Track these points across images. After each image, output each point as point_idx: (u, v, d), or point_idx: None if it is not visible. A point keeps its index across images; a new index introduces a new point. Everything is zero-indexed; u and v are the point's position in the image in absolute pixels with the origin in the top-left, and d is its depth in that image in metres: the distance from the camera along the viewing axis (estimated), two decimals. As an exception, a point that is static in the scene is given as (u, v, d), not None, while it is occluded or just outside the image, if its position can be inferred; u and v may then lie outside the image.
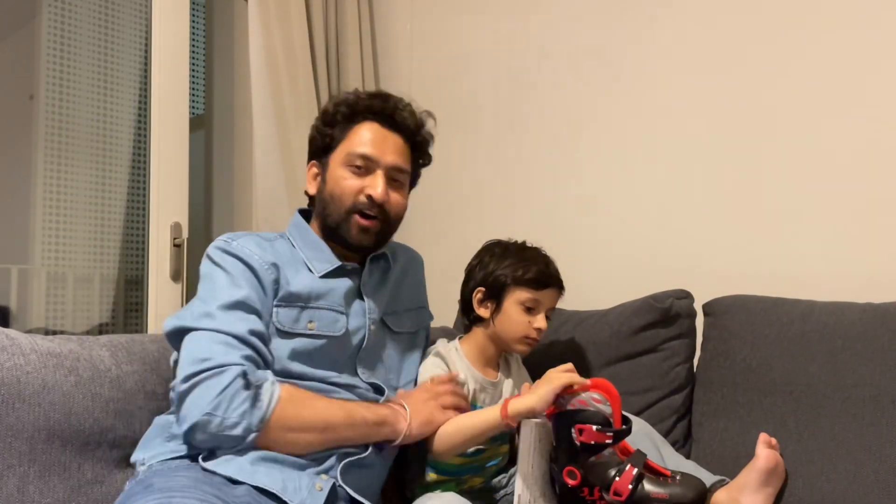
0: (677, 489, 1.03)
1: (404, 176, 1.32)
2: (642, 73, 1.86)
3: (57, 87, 2.01)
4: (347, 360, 1.25)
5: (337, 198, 1.27)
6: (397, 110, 1.30)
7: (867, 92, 1.53)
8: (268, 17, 2.04)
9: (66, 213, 2.01)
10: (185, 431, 1.06)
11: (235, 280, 1.18)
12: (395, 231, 1.35)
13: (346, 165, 1.27)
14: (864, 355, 1.30)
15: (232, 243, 1.23)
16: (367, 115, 1.29)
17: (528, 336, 1.34)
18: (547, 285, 1.35)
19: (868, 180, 1.53)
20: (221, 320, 1.12)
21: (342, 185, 1.27)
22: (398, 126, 1.30)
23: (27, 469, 1.08)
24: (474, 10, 2.20)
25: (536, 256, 1.39)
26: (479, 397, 1.36)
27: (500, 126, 2.13)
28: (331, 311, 1.24)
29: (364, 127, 1.29)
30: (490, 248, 1.43)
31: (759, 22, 1.67)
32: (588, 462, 1.07)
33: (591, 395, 1.12)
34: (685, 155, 1.78)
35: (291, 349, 1.19)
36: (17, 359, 1.11)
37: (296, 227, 1.34)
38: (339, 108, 1.31)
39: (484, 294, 1.38)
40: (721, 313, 1.51)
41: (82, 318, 2.07)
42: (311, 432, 1.12)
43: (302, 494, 1.05)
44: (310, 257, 1.28)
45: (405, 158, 1.31)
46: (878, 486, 1.22)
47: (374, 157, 1.27)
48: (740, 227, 1.69)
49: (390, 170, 1.28)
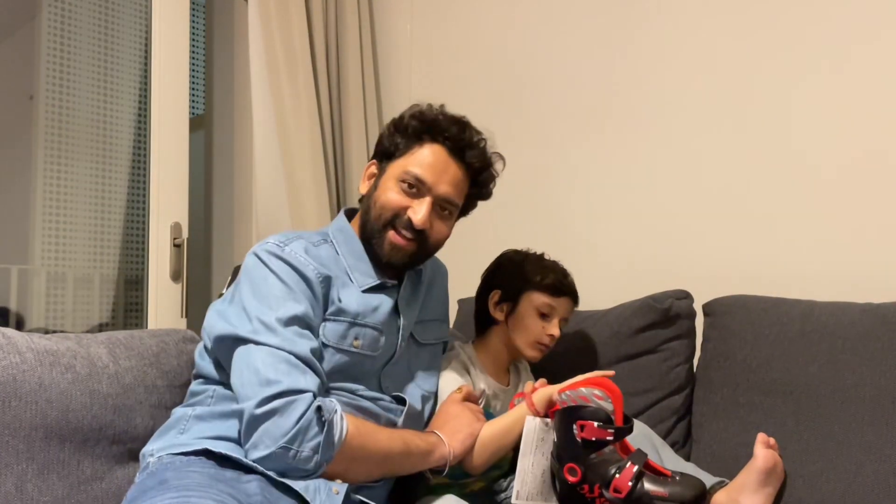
0: (677, 488, 1.03)
1: (454, 208, 1.28)
2: (643, 74, 1.85)
3: (57, 87, 2.01)
4: (374, 372, 1.25)
5: (380, 207, 1.24)
6: (469, 146, 1.27)
7: (867, 92, 1.53)
8: (268, 17, 2.04)
9: (66, 213, 2.01)
10: (257, 459, 1.04)
11: (293, 292, 1.15)
12: (431, 256, 1.32)
13: (400, 180, 1.23)
14: (864, 355, 1.30)
15: (285, 249, 1.19)
16: (437, 136, 1.25)
17: (540, 341, 1.36)
18: (563, 293, 1.38)
19: (868, 180, 1.53)
20: (283, 337, 1.10)
21: (389, 197, 1.23)
22: (464, 158, 1.26)
23: (25, 467, 1.08)
24: (474, 11, 2.20)
25: (555, 266, 1.43)
26: (491, 403, 1.36)
27: (499, 126, 2.12)
28: (374, 330, 1.23)
29: (430, 148, 1.25)
30: (509, 255, 1.47)
31: (760, 22, 1.67)
32: (589, 459, 1.07)
33: (594, 391, 1.12)
34: (685, 155, 1.78)
35: (333, 364, 1.18)
36: (13, 357, 1.11)
37: (341, 231, 1.31)
38: (413, 118, 1.27)
39: (500, 296, 1.40)
40: (721, 313, 1.51)
41: (82, 319, 2.07)
42: (372, 463, 1.12)
43: (321, 496, 1.05)
44: (352, 267, 1.26)
45: (459, 192, 1.27)
46: (879, 486, 1.21)
47: (428, 184, 1.22)
48: (740, 227, 1.69)
49: (440, 199, 1.24)
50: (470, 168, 1.28)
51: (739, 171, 1.69)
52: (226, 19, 2.40)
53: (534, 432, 1.15)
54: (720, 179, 1.72)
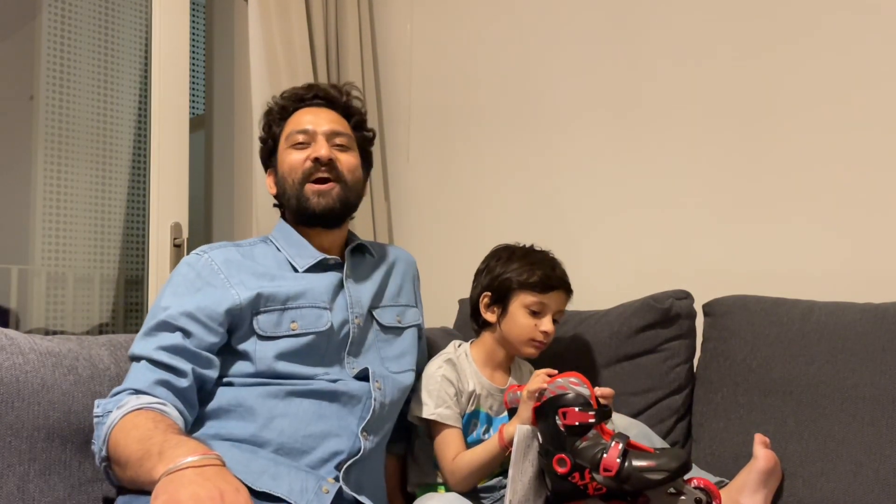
0: (663, 459, 1.05)
1: (347, 139, 1.35)
2: (642, 73, 1.86)
3: (57, 87, 2.01)
4: (336, 354, 1.25)
5: (288, 174, 1.31)
6: (321, 90, 1.38)
7: (867, 92, 1.53)
8: (268, 16, 2.04)
9: (66, 213, 2.01)
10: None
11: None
12: (356, 198, 1.36)
13: (290, 145, 1.32)
14: (864, 355, 1.30)
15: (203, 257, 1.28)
16: (296, 103, 1.36)
17: (534, 339, 1.35)
18: (552, 288, 1.35)
19: (868, 180, 1.53)
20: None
21: (289, 161, 1.31)
22: (325, 102, 1.37)
23: (27, 468, 1.08)
24: (474, 11, 2.20)
25: (542, 260, 1.39)
26: (484, 403, 1.36)
27: (500, 126, 2.13)
28: (313, 308, 1.24)
29: (296, 113, 1.36)
30: (497, 252, 1.44)
31: (760, 22, 1.67)
32: (575, 446, 1.09)
33: (569, 379, 1.15)
34: (686, 155, 1.78)
35: (278, 352, 1.19)
36: (16, 358, 1.11)
37: (279, 230, 1.37)
38: (271, 111, 1.39)
39: (490, 299, 1.39)
40: (721, 313, 1.51)
41: (82, 319, 2.07)
42: (122, 464, 0.99)
43: (308, 496, 1.05)
44: (293, 255, 1.30)
45: (342, 125, 1.36)
46: (879, 485, 1.22)
47: (311, 128, 1.31)
48: (740, 227, 1.69)
49: (329, 135, 1.32)
50: (334, 104, 1.37)
51: (740, 171, 1.69)
52: (226, 19, 2.40)
53: (524, 440, 1.16)
54: (720, 179, 1.72)
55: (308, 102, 1.37)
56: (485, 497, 1.32)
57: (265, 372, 1.17)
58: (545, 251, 1.42)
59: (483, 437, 1.34)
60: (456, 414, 1.32)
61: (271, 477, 1.06)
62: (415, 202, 2.36)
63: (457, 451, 1.29)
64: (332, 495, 1.07)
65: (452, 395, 1.32)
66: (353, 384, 1.22)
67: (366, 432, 1.19)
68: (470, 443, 1.32)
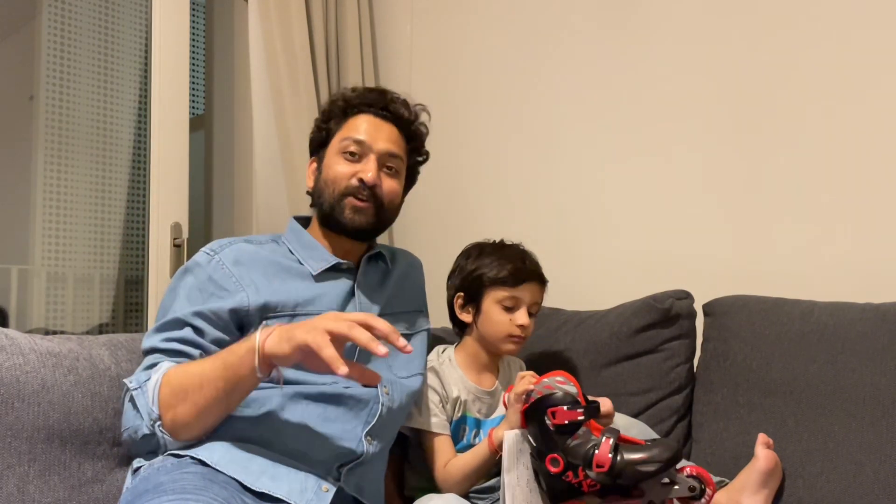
0: (654, 450, 1.06)
1: (398, 163, 1.33)
2: (642, 72, 1.86)
3: (57, 87, 2.01)
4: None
5: (331, 183, 1.29)
6: (391, 102, 1.34)
7: (867, 92, 1.53)
8: (268, 16, 2.04)
9: (66, 213, 2.01)
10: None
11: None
12: (390, 220, 1.36)
13: (341, 153, 1.30)
14: (864, 355, 1.30)
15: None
16: (362, 107, 1.33)
17: (511, 334, 1.33)
18: (523, 280, 1.33)
19: (868, 180, 1.53)
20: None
21: (336, 170, 1.29)
22: (392, 117, 1.34)
23: (27, 468, 1.08)
24: (474, 11, 2.20)
25: (512, 254, 1.37)
26: (471, 408, 1.35)
27: (500, 126, 2.13)
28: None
29: (359, 118, 1.33)
30: (467, 251, 1.42)
31: (760, 21, 1.67)
32: (566, 445, 1.09)
33: (555, 378, 1.15)
34: (685, 154, 1.78)
35: None
36: (16, 358, 1.11)
37: (291, 231, 1.36)
38: (335, 102, 1.35)
39: (464, 299, 1.37)
40: (721, 313, 1.51)
41: (82, 319, 2.07)
42: (193, 392, 1.06)
43: (308, 496, 1.05)
44: (304, 257, 1.30)
45: (399, 147, 1.34)
46: (879, 486, 1.22)
47: (367, 143, 1.29)
48: (740, 227, 1.69)
49: (383, 155, 1.30)
50: (399, 123, 1.34)
51: (740, 171, 1.69)
52: (226, 19, 2.40)
53: (515, 445, 1.16)
54: (720, 179, 1.72)
55: (374, 111, 1.33)
56: (483, 498, 1.31)
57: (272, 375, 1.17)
58: (515, 244, 1.40)
59: (473, 442, 1.33)
60: (443, 421, 1.31)
61: (270, 478, 1.05)
62: (415, 200, 2.36)
63: (447, 458, 1.29)
64: (331, 494, 1.07)
65: (437, 402, 1.32)
66: (361, 388, 1.22)
67: (370, 436, 1.19)
68: (460, 449, 1.32)
